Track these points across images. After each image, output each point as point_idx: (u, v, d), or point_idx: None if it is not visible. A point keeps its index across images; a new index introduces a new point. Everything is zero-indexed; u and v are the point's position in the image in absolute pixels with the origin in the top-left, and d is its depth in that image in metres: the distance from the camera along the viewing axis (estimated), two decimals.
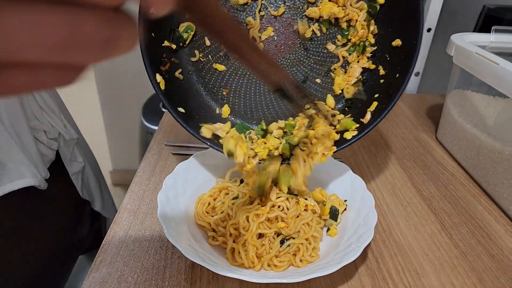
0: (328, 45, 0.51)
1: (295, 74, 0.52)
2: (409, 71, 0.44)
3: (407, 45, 0.45)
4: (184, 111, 0.47)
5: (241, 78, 0.52)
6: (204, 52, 0.51)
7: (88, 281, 0.39)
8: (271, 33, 0.51)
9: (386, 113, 0.44)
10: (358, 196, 0.48)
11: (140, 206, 0.51)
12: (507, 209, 0.52)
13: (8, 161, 0.51)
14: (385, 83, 0.48)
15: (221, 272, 0.36)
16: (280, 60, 0.52)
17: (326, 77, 0.52)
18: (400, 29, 0.46)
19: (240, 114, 0.52)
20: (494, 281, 0.42)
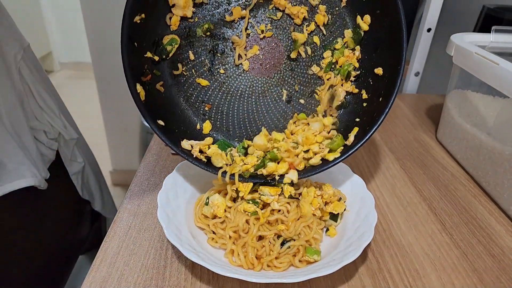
0: (313, 67, 0.51)
1: (280, 93, 0.52)
2: (392, 96, 0.44)
3: (390, 71, 0.45)
4: (164, 124, 0.47)
5: (225, 94, 0.51)
6: (188, 66, 0.50)
7: (88, 281, 0.39)
8: (256, 51, 0.51)
9: (370, 135, 0.45)
10: (358, 196, 0.48)
11: (140, 206, 0.51)
12: (508, 209, 0.52)
13: (8, 161, 0.51)
14: (368, 106, 0.48)
15: (221, 272, 0.36)
16: (264, 79, 0.52)
17: (310, 98, 0.52)
18: (384, 55, 0.47)
19: (222, 130, 0.52)
20: (495, 281, 0.42)
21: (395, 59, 0.44)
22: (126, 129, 1.75)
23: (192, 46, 0.50)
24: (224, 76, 0.51)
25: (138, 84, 0.45)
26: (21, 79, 0.56)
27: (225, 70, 0.51)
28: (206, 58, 0.50)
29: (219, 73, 0.51)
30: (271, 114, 0.52)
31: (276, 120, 0.52)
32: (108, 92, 1.65)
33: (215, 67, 0.51)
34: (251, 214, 0.42)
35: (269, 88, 0.52)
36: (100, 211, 0.77)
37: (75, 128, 0.71)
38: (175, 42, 0.48)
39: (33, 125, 0.57)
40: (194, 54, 0.50)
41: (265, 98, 0.52)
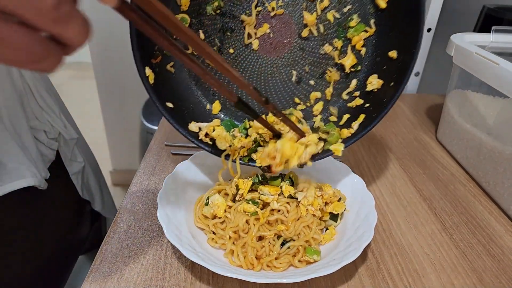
0: (326, 47, 0.50)
1: (289, 74, 0.51)
2: (404, 81, 0.43)
3: (404, 54, 0.44)
4: (173, 106, 0.46)
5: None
6: None
7: (88, 281, 0.39)
8: (267, 30, 0.50)
9: (377, 122, 0.44)
10: (358, 196, 0.48)
11: (140, 206, 0.51)
12: (507, 209, 0.52)
13: (8, 161, 0.51)
14: (379, 91, 0.47)
15: (221, 272, 0.36)
16: (274, 58, 0.51)
17: (320, 79, 0.51)
18: (399, 37, 0.45)
19: (231, 111, 0.51)
20: (495, 281, 0.42)
21: (411, 42, 0.42)
22: (126, 129, 1.75)
23: (202, 25, 0.49)
24: (234, 55, 0.51)
25: (147, 67, 0.45)
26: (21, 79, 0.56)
27: (235, 49, 0.50)
28: (216, 37, 0.50)
29: (229, 53, 0.50)
30: (280, 95, 0.51)
31: (284, 101, 0.51)
32: (108, 92, 1.65)
33: (225, 47, 0.50)
34: (251, 215, 0.42)
35: (279, 68, 0.51)
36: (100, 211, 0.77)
37: (75, 128, 0.71)
38: (185, 21, 0.48)
39: (33, 124, 0.57)
40: (204, 33, 0.49)
41: (274, 79, 0.51)
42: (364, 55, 0.49)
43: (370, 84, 0.48)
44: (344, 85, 0.50)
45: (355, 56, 0.49)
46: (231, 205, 0.44)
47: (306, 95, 0.51)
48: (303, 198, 0.44)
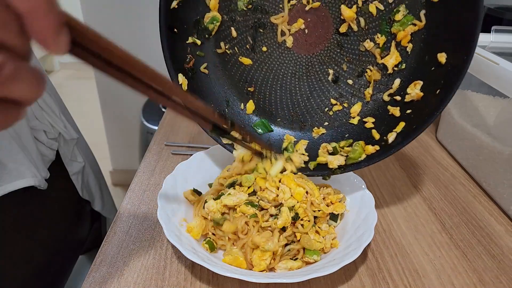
0: (366, 43, 0.45)
1: (325, 73, 0.48)
2: (454, 88, 0.38)
3: (455, 59, 0.39)
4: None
5: (268, 73, 0.50)
6: (230, 43, 0.48)
7: (88, 281, 0.39)
8: (301, 25, 0.46)
9: (417, 135, 0.40)
10: (358, 196, 0.48)
11: (140, 206, 0.51)
12: (507, 209, 0.52)
13: (9, 161, 0.51)
14: (422, 98, 0.43)
15: (221, 272, 0.36)
16: (309, 56, 0.48)
17: (359, 79, 0.47)
18: (452, 33, 0.40)
19: (265, 110, 0.50)
20: (495, 281, 0.42)
21: (464, 42, 0.38)
22: (126, 129, 1.75)
23: (234, 21, 0.48)
24: (267, 54, 0.49)
25: (180, 74, 0.45)
26: None
27: (268, 47, 0.49)
28: (248, 34, 0.48)
29: (262, 51, 0.49)
30: (315, 95, 0.49)
31: (320, 101, 0.49)
32: (108, 92, 1.65)
33: (257, 45, 0.49)
34: (250, 217, 0.42)
35: (314, 66, 0.48)
36: (100, 211, 0.77)
37: (75, 128, 0.71)
38: (217, 20, 0.47)
39: (33, 125, 0.57)
40: (236, 31, 0.48)
41: (309, 78, 0.49)
42: (411, 52, 0.44)
43: (408, 95, 0.44)
44: (385, 85, 0.47)
45: (399, 54, 0.45)
46: (231, 206, 0.44)
47: (343, 95, 0.49)
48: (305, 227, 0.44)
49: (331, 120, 0.50)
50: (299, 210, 0.43)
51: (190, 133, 0.69)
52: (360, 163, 0.45)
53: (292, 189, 0.45)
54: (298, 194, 0.44)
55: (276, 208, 0.43)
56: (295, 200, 0.44)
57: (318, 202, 0.44)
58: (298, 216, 0.42)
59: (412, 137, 0.41)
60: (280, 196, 0.44)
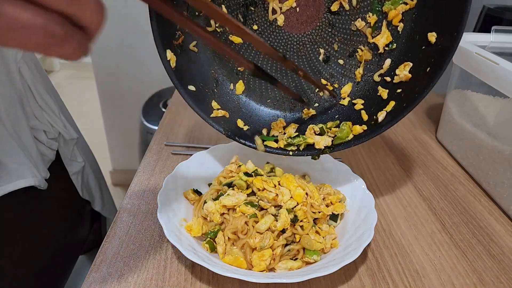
0: (358, 22, 0.45)
1: (316, 52, 0.48)
2: (443, 66, 0.39)
3: (445, 37, 0.40)
4: (195, 89, 0.45)
5: (258, 52, 0.49)
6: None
7: (88, 281, 0.39)
8: (293, 3, 0.46)
9: (406, 113, 0.40)
10: (358, 196, 0.48)
11: (140, 206, 0.51)
12: (507, 209, 0.52)
13: (9, 161, 0.51)
14: (413, 77, 0.43)
15: (221, 272, 0.36)
16: (300, 35, 0.47)
17: (350, 59, 0.47)
18: (443, 13, 0.40)
19: (255, 91, 0.49)
20: (495, 281, 0.42)
21: (454, 21, 0.38)
22: (126, 129, 1.75)
23: (225, 0, 0.47)
24: (258, 32, 0.48)
25: (168, 50, 0.43)
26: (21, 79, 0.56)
27: (259, 26, 0.48)
28: (239, 12, 0.48)
29: (252, 30, 0.48)
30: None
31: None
32: (108, 92, 1.65)
33: (248, 23, 0.48)
34: (250, 217, 0.42)
35: (305, 46, 0.48)
36: (100, 211, 0.77)
37: (75, 128, 0.71)
38: None
39: (33, 125, 0.57)
40: (227, 8, 0.48)
41: (300, 58, 0.48)
42: (401, 32, 0.44)
43: (397, 76, 0.44)
44: (376, 65, 0.46)
45: (390, 33, 0.45)
46: (230, 207, 0.44)
47: (334, 75, 0.48)
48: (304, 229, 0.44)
49: (322, 101, 0.49)
50: (299, 213, 0.43)
51: (190, 133, 0.69)
52: (349, 142, 0.45)
53: (292, 190, 0.45)
54: (298, 196, 0.44)
55: (276, 208, 0.43)
56: (295, 201, 0.44)
57: (318, 204, 0.44)
58: (297, 218, 0.42)
59: (401, 116, 0.41)
60: (279, 198, 0.44)
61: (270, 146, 0.46)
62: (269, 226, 0.41)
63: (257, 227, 0.41)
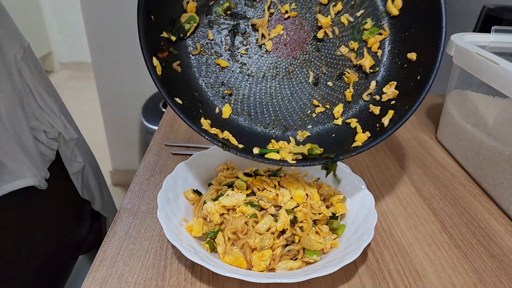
0: (342, 48, 0.48)
1: (306, 75, 0.49)
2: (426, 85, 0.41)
3: (425, 56, 0.43)
4: (181, 103, 0.44)
5: (246, 76, 0.49)
6: (207, 45, 0.48)
7: (88, 281, 0.39)
8: (280, 31, 0.48)
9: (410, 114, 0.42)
10: (358, 196, 0.48)
11: (140, 206, 0.51)
12: (508, 209, 0.52)
13: (9, 161, 0.51)
14: (403, 90, 0.45)
15: (221, 272, 0.36)
16: (289, 60, 0.49)
17: (338, 81, 0.49)
18: (417, 38, 0.44)
19: (243, 114, 0.49)
20: (495, 281, 0.42)
21: (431, 43, 0.42)
22: (126, 129, 1.75)
23: (212, 25, 0.48)
24: (246, 56, 0.49)
25: (154, 58, 0.42)
26: (21, 79, 0.56)
27: (247, 50, 0.49)
28: (226, 38, 0.48)
29: (240, 54, 0.49)
30: (297, 97, 0.49)
31: (302, 104, 0.49)
32: (108, 92, 1.65)
33: (236, 48, 0.49)
34: (250, 217, 0.42)
35: (294, 69, 0.49)
36: (100, 211, 0.77)
37: (75, 128, 0.71)
38: (194, 20, 0.46)
39: (33, 125, 0.57)
40: (213, 34, 0.48)
41: (289, 80, 0.49)
42: (381, 57, 0.48)
43: (385, 94, 0.46)
44: (363, 86, 0.49)
45: (371, 58, 0.48)
46: (230, 207, 0.44)
47: (324, 97, 0.49)
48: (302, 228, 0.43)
49: (314, 122, 0.49)
50: (299, 214, 0.43)
51: (190, 133, 0.69)
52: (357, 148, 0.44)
53: (292, 191, 0.44)
54: (298, 197, 0.44)
55: (276, 208, 0.43)
56: (295, 202, 0.44)
57: (318, 205, 0.44)
58: (297, 219, 0.42)
59: (406, 116, 0.42)
60: (279, 198, 0.44)
61: (270, 158, 0.44)
62: (269, 226, 0.41)
63: (257, 228, 0.41)
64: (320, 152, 0.44)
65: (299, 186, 0.45)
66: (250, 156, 0.43)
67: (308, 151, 0.44)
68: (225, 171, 0.51)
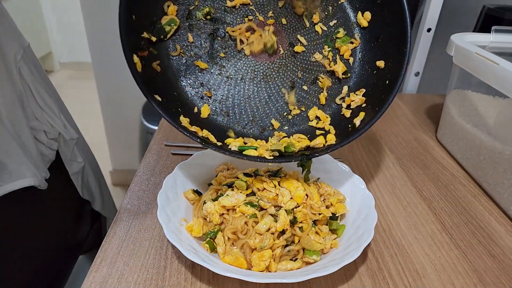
0: (316, 55, 0.51)
1: (282, 79, 0.51)
2: (393, 91, 0.44)
3: (392, 64, 0.46)
4: (161, 100, 0.44)
5: (225, 78, 0.50)
6: (187, 48, 0.49)
7: (88, 281, 0.39)
8: (259, 36, 0.50)
9: (380, 115, 0.44)
10: (358, 196, 0.48)
11: (140, 206, 0.51)
12: (508, 209, 0.52)
13: (9, 161, 0.51)
14: (372, 95, 0.48)
15: (221, 272, 0.36)
16: (267, 64, 0.51)
17: (313, 85, 0.52)
18: (385, 47, 0.47)
19: (222, 115, 0.50)
20: (495, 281, 0.42)
21: (397, 53, 0.45)
22: (126, 129, 1.75)
23: (192, 29, 0.49)
24: (225, 59, 0.50)
25: (135, 55, 0.43)
26: (21, 79, 0.56)
27: (226, 53, 0.50)
28: (206, 41, 0.50)
29: (220, 57, 0.50)
30: (274, 100, 0.51)
31: (279, 106, 0.51)
32: (108, 92, 1.65)
33: (215, 51, 0.50)
34: (250, 217, 0.42)
35: (271, 73, 0.51)
36: (100, 211, 0.77)
37: (75, 128, 0.71)
38: (174, 23, 0.47)
39: (33, 125, 0.57)
40: (194, 37, 0.49)
41: (267, 84, 0.51)
42: (352, 64, 0.51)
43: (353, 102, 0.49)
44: (336, 91, 0.51)
45: (344, 64, 0.51)
46: (230, 207, 0.44)
47: (300, 100, 0.52)
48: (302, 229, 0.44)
49: (290, 124, 0.51)
50: (298, 214, 0.43)
51: None
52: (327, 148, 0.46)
53: (292, 191, 0.45)
54: (298, 197, 0.44)
55: (276, 208, 0.43)
56: (295, 202, 0.44)
57: (318, 206, 0.44)
58: (296, 220, 0.42)
59: (376, 118, 0.44)
60: (279, 199, 0.44)
61: (248, 154, 0.45)
62: (269, 227, 0.41)
63: (257, 228, 0.41)
64: (296, 150, 0.46)
65: (299, 186, 0.45)
66: (228, 152, 0.44)
67: (285, 148, 0.46)
68: (225, 171, 0.51)
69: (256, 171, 0.49)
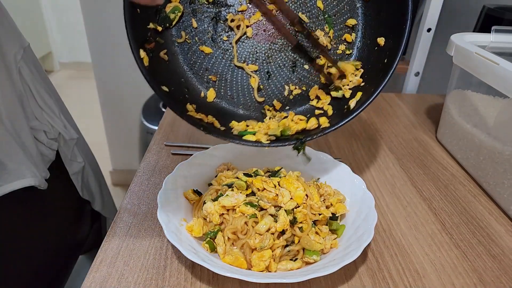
0: (318, 32, 0.51)
1: (284, 59, 0.52)
2: (397, 57, 0.44)
3: (392, 40, 0.46)
4: (168, 90, 0.46)
5: (228, 61, 0.51)
6: (191, 33, 0.50)
7: (88, 281, 0.39)
8: (259, 17, 0.51)
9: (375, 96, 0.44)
10: (358, 196, 0.48)
11: (140, 206, 0.51)
12: (508, 209, 0.52)
13: (9, 161, 0.51)
14: (370, 74, 0.48)
15: (221, 272, 0.36)
16: (268, 44, 0.51)
17: (314, 64, 0.52)
18: (386, 22, 0.47)
19: (226, 98, 0.51)
20: (495, 281, 0.42)
21: (397, 34, 0.45)
22: (126, 129, 1.75)
23: (195, 14, 0.50)
24: (228, 43, 0.51)
25: (141, 50, 0.44)
26: (21, 79, 0.56)
27: (228, 37, 0.51)
28: (209, 25, 0.51)
29: (223, 40, 0.51)
30: (275, 80, 0.52)
31: (280, 86, 0.52)
32: (108, 92, 1.65)
33: (218, 34, 0.51)
34: (250, 217, 0.42)
35: (273, 54, 0.52)
36: (100, 211, 0.77)
37: (75, 128, 0.71)
38: (178, 10, 0.48)
39: (33, 125, 0.57)
40: (197, 22, 0.50)
41: (269, 64, 0.52)
42: (354, 40, 0.51)
43: (351, 82, 0.49)
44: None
45: (345, 38, 0.51)
46: (229, 207, 0.44)
47: (301, 80, 0.52)
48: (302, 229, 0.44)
49: (291, 104, 0.52)
50: (298, 215, 0.43)
51: (190, 133, 0.69)
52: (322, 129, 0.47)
53: (292, 192, 0.45)
54: (298, 197, 0.44)
55: (275, 208, 0.43)
56: (295, 202, 0.44)
57: (318, 206, 0.44)
58: (296, 220, 0.42)
59: (371, 99, 0.45)
60: (279, 199, 0.44)
61: (247, 139, 0.47)
62: (268, 227, 0.41)
63: (257, 228, 0.41)
64: (292, 133, 0.47)
65: (299, 187, 0.45)
66: (229, 137, 0.46)
67: (281, 132, 0.46)
68: (225, 171, 0.51)
69: (256, 171, 0.49)
